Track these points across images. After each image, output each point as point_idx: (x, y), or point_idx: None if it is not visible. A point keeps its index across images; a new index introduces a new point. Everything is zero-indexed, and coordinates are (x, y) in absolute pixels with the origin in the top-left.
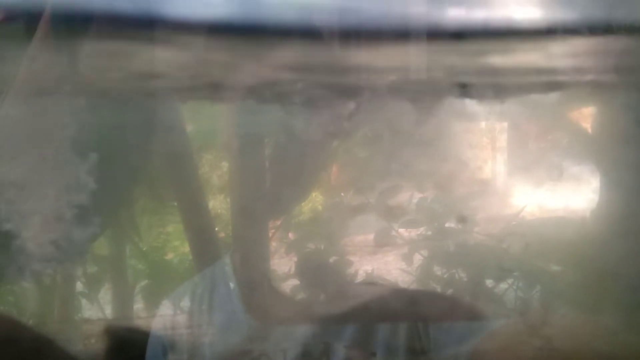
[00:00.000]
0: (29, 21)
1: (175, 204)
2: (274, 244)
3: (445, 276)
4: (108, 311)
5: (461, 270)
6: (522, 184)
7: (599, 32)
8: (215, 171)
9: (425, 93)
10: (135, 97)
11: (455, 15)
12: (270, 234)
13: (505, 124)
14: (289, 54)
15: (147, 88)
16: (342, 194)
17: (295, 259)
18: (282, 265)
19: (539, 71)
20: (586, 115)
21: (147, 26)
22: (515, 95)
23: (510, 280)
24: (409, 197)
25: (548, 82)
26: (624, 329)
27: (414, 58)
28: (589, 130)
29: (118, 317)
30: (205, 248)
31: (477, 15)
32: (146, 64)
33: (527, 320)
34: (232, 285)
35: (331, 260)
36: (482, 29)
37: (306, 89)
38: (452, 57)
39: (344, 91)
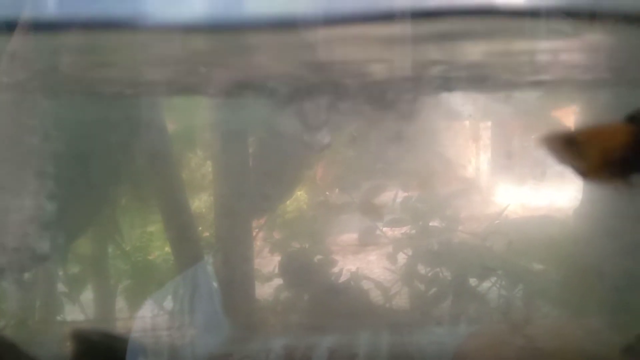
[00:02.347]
0: (8, 17)
1: (156, 203)
2: (258, 243)
3: (429, 275)
4: (90, 311)
5: (445, 269)
6: (505, 183)
7: (583, 18)
8: (198, 170)
9: (408, 89)
10: (116, 95)
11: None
12: (254, 233)
13: (489, 123)
14: (269, 50)
15: (128, 85)
16: (327, 193)
17: (279, 257)
18: (267, 264)
19: (523, 69)
20: (569, 114)
21: (128, 23)
22: (497, 92)
23: (493, 279)
24: (393, 196)
25: (531, 81)
26: (606, 328)
27: (397, 52)
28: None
29: (100, 317)
30: (186, 248)
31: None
32: (127, 61)
33: (509, 319)
34: (214, 286)
35: (316, 259)
36: (464, 10)
37: (287, 86)
38: (434, 50)
39: (326, 88)
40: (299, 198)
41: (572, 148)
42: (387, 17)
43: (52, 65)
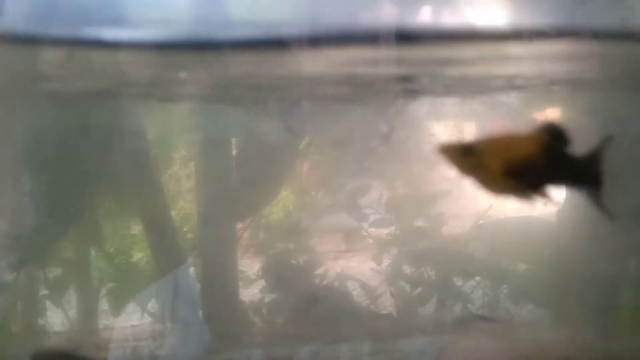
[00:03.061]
0: None
1: (137, 206)
2: (243, 244)
3: (414, 275)
4: (72, 315)
5: (429, 269)
6: None
7: (565, 35)
8: (181, 173)
9: (392, 92)
10: (96, 100)
11: (423, 19)
12: (238, 236)
13: (473, 124)
14: (248, 60)
15: (108, 90)
16: (313, 194)
17: (263, 259)
18: (251, 265)
19: (504, 75)
20: (551, 117)
21: (110, 27)
22: (480, 95)
23: (477, 278)
24: (378, 196)
25: (513, 85)
26: (588, 329)
27: (381, 64)
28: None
29: (82, 320)
30: (167, 252)
31: (445, 19)
32: (107, 65)
33: (493, 319)
34: (194, 290)
35: (301, 260)
36: (449, 32)
37: (269, 93)
38: (415, 55)
39: (309, 94)
40: (285, 199)
41: (470, 158)
42: (372, 38)
43: (30, 71)
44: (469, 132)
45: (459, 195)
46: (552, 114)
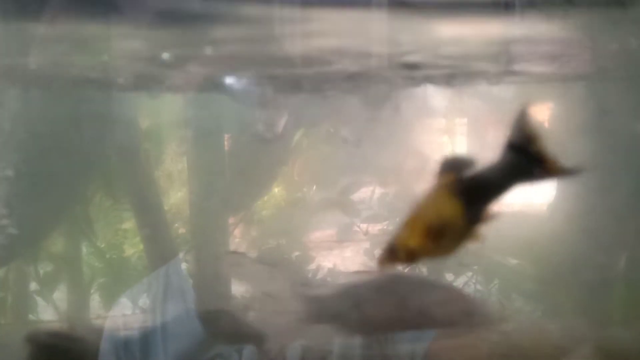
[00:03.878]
0: None
1: (129, 201)
2: (235, 240)
3: (405, 271)
4: (63, 310)
5: (421, 265)
6: None
7: (558, 6)
8: (173, 167)
9: (383, 81)
10: (87, 89)
11: None
12: (230, 231)
13: (465, 120)
14: (240, 43)
15: (99, 79)
16: (305, 190)
17: (255, 254)
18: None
19: (497, 59)
20: (544, 109)
21: (101, 13)
22: (472, 87)
23: (469, 274)
24: (370, 192)
25: (505, 71)
26: (580, 323)
27: (373, 40)
28: (547, 124)
29: (73, 315)
30: (159, 246)
31: None
32: (99, 52)
33: (485, 315)
34: (186, 284)
35: (293, 255)
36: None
37: (259, 81)
38: (406, 36)
39: (298, 82)
40: (277, 195)
41: (400, 253)
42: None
43: (20, 58)
44: (461, 125)
45: None
46: (547, 106)
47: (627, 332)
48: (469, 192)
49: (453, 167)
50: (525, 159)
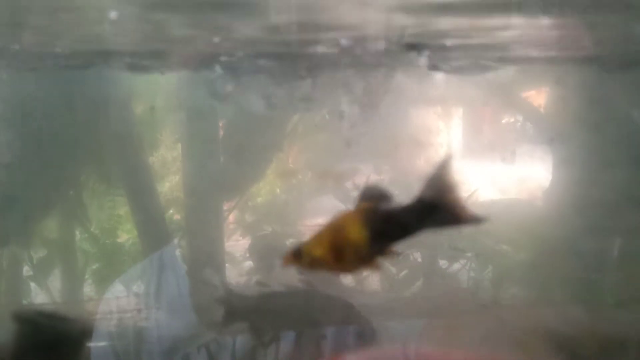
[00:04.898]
0: None
1: (122, 185)
2: (229, 227)
3: (400, 257)
4: (57, 295)
5: (415, 251)
6: (476, 166)
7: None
8: (168, 152)
9: (380, 63)
10: (81, 68)
11: None
12: (225, 216)
13: (461, 109)
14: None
15: (94, 58)
16: (300, 177)
17: (250, 240)
18: (238, 247)
19: (494, 45)
20: (540, 96)
21: None
22: (468, 73)
23: (463, 261)
24: (365, 179)
25: (501, 57)
26: (574, 307)
27: (370, 22)
28: (542, 110)
29: (67, 300)
30: (153, 231)
31: None
32: (93, 29)
33: (478, 300)
34: (180, 269)
35: (288, 242)
36: None
37: (255, 59)
38: (402, 19)
39: (296, 62)
40: (272, 182)
41: (304, 261)
42: None
43: (9, 35)
44: (456, 112)
45: None
46: (543, 93)
47: (620, 313)
48: (379, 225)
49: (372, 197)
50: (437, 209)
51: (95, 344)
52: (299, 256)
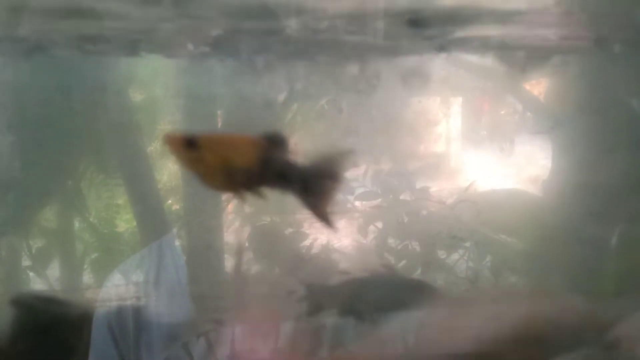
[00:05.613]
0: None
1: (121, 174)
2: (228, 217)
3: (399, 247)
4: (56, 285)
5: (414, 241)
6: (475, 157)
7: None
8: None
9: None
10: (78, 56)
11: None
12: (224, 206)
13: (460, 99)
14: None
15: (91, 46)
16: None
17: (249, 230)
18: (236, 237)
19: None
20: (539, 85)
21: None
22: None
23: (461, 251)
24: (364, 170)
25: (504, 46)
26: (573, 296)
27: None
28: (542, 100)
29: (65, 290)
30: (152, 221)
31: None
32: (91, 16)
33: (477, 289)
34: (180, 259)
35: (287, 232)
36: None
37: (252, 42)
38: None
39: (293, 49)
40: None
41: (192, 151)
42: None
43: (6, 22)
44: (455, 102)
45: (445, 169)
46: (543, 82)
47: (619, 301)
48: (269, 162)
49: (274, 139)
50: (312, 186)
51: (94, 331)
52: (190, 146)
